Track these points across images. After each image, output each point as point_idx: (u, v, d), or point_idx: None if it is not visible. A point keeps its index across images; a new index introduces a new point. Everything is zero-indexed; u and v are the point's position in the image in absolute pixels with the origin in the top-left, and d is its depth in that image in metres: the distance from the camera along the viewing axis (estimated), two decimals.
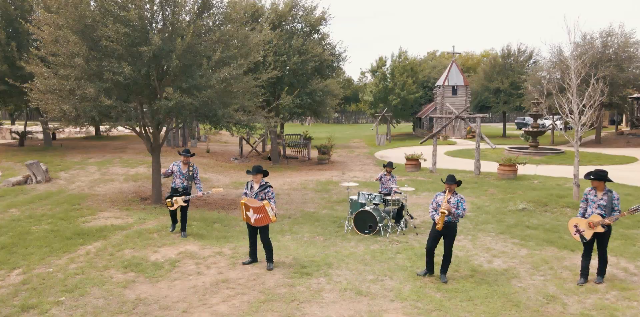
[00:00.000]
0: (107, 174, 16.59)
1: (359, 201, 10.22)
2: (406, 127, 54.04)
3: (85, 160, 19.58)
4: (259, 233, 7.54)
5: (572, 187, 14.39)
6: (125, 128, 11.20)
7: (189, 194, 9.16)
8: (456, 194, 7.23)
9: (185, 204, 9.07)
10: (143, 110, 12.20)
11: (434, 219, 7.27)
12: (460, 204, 7.17)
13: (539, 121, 47.34)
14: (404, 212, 10.64)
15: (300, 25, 21.22)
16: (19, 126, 33.81)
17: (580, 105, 11.79)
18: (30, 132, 29.83)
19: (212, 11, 11.80)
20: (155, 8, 10.87)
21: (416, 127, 44.50)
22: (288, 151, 26.51)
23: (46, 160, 19.20)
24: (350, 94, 64.30)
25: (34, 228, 9.45)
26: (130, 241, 8.62)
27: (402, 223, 10.22)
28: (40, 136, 27.45)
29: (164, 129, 12.95)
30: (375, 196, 10.10)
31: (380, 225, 9.75)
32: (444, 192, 7.32)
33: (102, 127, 27.93)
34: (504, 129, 41.37)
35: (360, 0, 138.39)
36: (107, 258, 7.71)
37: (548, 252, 8.52)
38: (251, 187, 7.59)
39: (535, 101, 25.12)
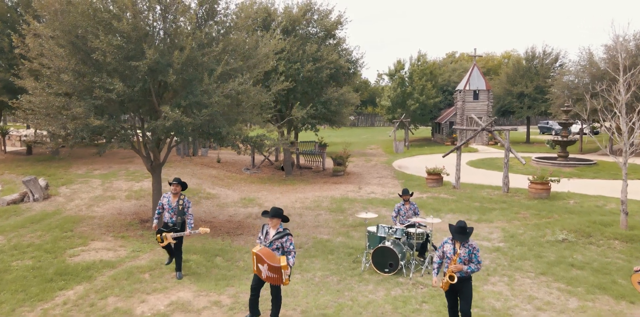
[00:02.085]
0: (110, 190, 15.69)
1: (378, 234, 9.03)
2: (424, 131, 52.51)
3: (90, 172, 18.77)
4: (270, 287, 6.36)
5: (614, 211, 13.00)
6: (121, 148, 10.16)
7: (182, 230, 8.09)
8: (467, 242, 5.93)
9: (175, 242, 8.01)
10: (143, 126, 11.21)
11: (436, 273, 6.04)
12: (474, 255, 5.85)
13: (557, 126, 45.52)
14: (428, 245, 9.43)
15: (315, 30, 20.08)
16: (32, 130, 33.38)
17: (630, 123, 10.40)
18: (42, 136, 29.24)
19: (216, 19, 10.74)
20: (156, 15, 9.87)
21: (435, 132, 42.99)
22: (302, 160, 25.41)
23: (50, 172, 18.47)
24: (367, 97, 62.97)
25: (14, 264, 8.50)
26: (117, 284, 7.58)
27: (427, 260, 8.99)
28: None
29: (166, 145, 11.93)
30: (397, 229, 8.89)
31: (401, 263, 8.55)
32: (452, 239, 6.00)
33: None
34: (528, 134, 39.62)
35: (370, 1, 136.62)
36: (85, 310, 6.66)
37: (603, 304, 7.22)
38: (266, 233, 6.38)
39: (565, 108, 23.53)
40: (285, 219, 6.35)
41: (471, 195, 16.07)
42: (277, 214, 6.20)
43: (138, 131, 11.16)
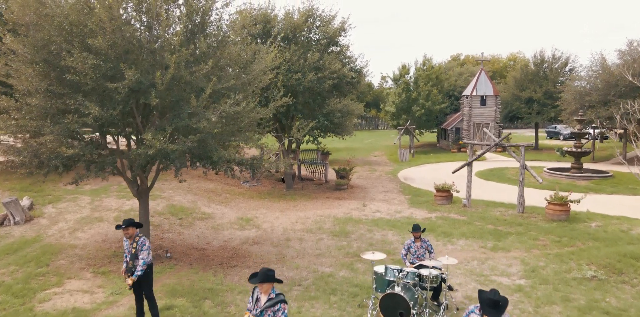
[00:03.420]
0: (98, 209, 14.74)
1: (387, 277, 8.01)
2: (429, 135, 51.38)
3: (80, 187, 17.77)
4: None
5: None
6: (99, 177, 9.19)
7: (144, 275, 7.14)
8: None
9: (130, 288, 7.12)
10: (130, 148, 10.23)
11: None
12: None
13: (565, 131, 44.27)
14: (444, 285, 8.42)
15: (317, 36, 19.05)
16: None
17: None
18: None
19: (208, 31, 9.73)
20: (140, 29, 8.88)
21: (441, 138, 41.90)
22: (303, 171, 24.39)
23: (38, 188, 17.50)
24: (371, 100, 61.91)
25: None
26: None
27: (442, 306, 7.97)
28: None
29: (155, 167, 10.95)
30: (408, 273, 7.88)
31: (414, 312, 7.53)
32: (479, 309, 4.90)
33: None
34: (536, 140, 38.48)
35: (373, 3, 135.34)
36: None
37: None
38: (257, 299, 5.34)
39: (579, 118, 22.45)
40: (279, 281, 5.34)
41: (483, 215, 15.03)
42: (267, 278, 5.17)
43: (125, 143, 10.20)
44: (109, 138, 10.09)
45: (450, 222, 14.24)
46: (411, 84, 36.11)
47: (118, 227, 7.24)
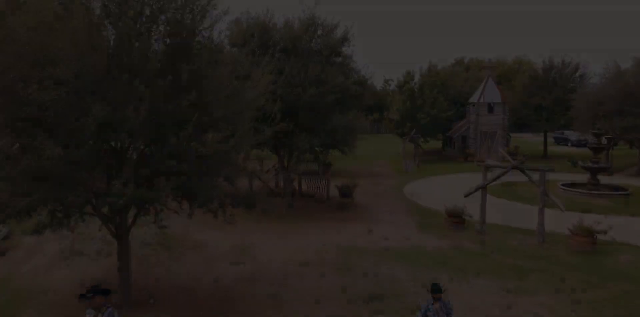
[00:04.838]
0: (81, 239, 13.56)
1: None
2: (434, 142, 50.15)
3: None
4: None
5: None
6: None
7: None
8: None
9: None
10: (110, 181, 9.06)
11: None
12: None
13: (574, 137, 42.86)
14: None
15: (319, 46, 17.83)
16: None
17: None
18: None
19: (193, 52, 8.51)
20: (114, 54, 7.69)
21: (446, 146, 40.66)
22: (304, 186, 23.11)
23: None
24: (373, 104, 60.61)
25: None
26: None
27: None
28: None
29: None
30: None
31: None
32: None
33: None
34: (545, 148, 37.25)
35: (374, 1, 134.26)
36: None
37: None
38: None
39: (597, 131, 21.23)
40: None
41: (500, 245, 13.80)
42: None
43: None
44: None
45: (464, 254, 13.03)
46: (416, 90, 34.91)
47: (82, 297, 6.09)
